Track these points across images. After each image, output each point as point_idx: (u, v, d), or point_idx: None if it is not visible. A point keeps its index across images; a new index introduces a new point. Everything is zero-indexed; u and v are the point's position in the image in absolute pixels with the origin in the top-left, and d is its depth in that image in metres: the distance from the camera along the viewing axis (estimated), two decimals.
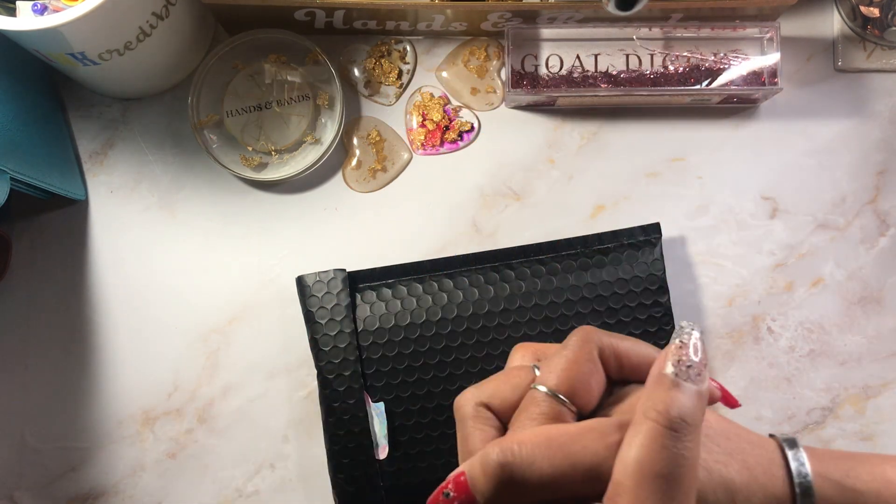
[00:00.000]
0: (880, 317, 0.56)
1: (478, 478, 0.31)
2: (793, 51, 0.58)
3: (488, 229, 0.57)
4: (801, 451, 0.32)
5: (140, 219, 0.57)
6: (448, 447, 0.52)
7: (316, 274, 0.53)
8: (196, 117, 0.56)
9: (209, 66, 0.56)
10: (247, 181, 0.58)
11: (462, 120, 0.58)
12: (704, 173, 0.57)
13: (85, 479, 0.55)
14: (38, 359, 0.56)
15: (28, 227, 0.57)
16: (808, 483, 0.31)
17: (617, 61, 0.56)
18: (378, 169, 0.57)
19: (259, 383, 0.56)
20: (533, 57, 0.56)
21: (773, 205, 0.57)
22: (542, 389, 0.34)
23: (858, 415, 0.55)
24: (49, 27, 0.44)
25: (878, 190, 0.57)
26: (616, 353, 0.35)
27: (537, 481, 0.31)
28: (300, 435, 0.56)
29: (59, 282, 0.57)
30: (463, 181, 0.57)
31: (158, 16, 0.50)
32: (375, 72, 0.58)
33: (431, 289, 0.53)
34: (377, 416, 0.52)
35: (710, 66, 0.55)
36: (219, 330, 0.56)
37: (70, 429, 0.56)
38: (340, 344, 0.52)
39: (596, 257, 0.53)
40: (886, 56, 0.57)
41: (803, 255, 0.57)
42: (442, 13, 0.54)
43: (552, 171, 0.58)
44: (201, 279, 0.57)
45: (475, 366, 0.52)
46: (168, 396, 0.56)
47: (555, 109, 0.58)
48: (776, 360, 0.56)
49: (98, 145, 0.58)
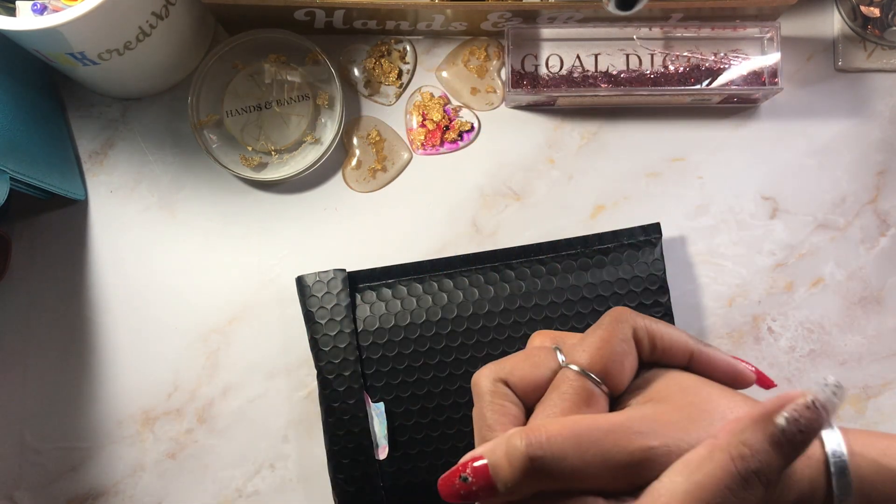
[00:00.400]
0: (880, 317, 0.56)
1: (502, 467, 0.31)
2: (793, 51, 0.58)
3: (488, 229, 0.57)
4: (837, 431, 0.31)
5: (140, 219, 0.57)
6: (448, 447, 0.52)
7: (316, 274, 0.53)
8: (196, 117, 0.56)
9: (209, 66, 0.56)
10: (247, 181, 0.58)
11: (462, 120, 0.58)
12: (704, 173, 0.57)
13: (85, 480, 0.55)
14: (38, 359, 0.56)
15: (28, 227, 0.57)
16: (843, 462, 0.30)
17: (617, 61, 0.56)
18: (378, 169, 0.57)
19: (259, 383, 0.56)
20: (533, 57, 0.56)
21: (773, 205, 0.57)
22: (575, 368, 0.33)
23: (858, 415, 0.55)
24: (49, 27, 0.44)
25: (878, 190, 0.57)
26: (650, 334, 0.34)
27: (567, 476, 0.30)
28: (300, 435, 0.56)
29: (59, 282, 0.57)
30: (463, 181, 0.57)
31: (158, 16, 0.50)
32: (375, 72, 0.58)
33: (431, 289, 0.53)
34: (377, 416, 0.52)
35: (710, 66, 0.55)
36: (219, 330, 0.56)
37: (70, 429, 0.56)
38: (340, 344, 0.52)
39: (596, 257, 0.53)
40: (887, 56, 0.57)
41: (803, 255, 0.57)
42: (442, 13, 0.54)
43: (552, 171, 0.58)
44: (201, 279, 0.57)
45: (475, 366, 0.52)
46: (168, 396, 0.56)
47: (555, 109, 0.58)
48: (776, 360, 0.56)
49: (98, 145, 0.58)
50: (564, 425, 0.31)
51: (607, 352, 0.33)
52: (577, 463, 0.30)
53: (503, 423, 0.34)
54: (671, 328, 0.35)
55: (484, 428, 0.34)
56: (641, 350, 0.35)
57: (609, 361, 0.33)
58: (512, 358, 0.36)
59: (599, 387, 0.33)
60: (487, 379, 0.35)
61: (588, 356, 0.33)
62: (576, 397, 0.33)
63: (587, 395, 0.33)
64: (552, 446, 0.30)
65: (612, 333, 0.34)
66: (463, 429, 0.52)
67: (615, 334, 0.34)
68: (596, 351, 0.33)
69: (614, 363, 0.33)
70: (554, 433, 0.30)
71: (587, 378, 0.33)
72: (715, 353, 0.36)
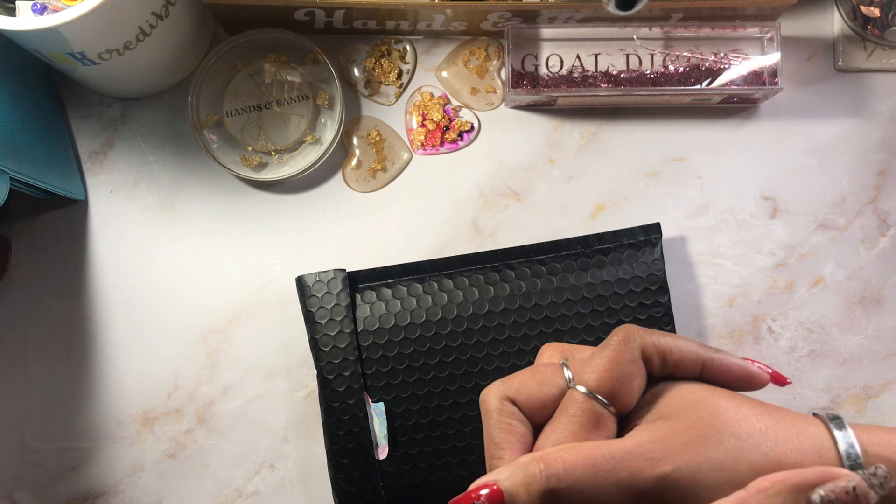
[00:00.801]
0: (880, 317, 0.56)
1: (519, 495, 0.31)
2: (793, 51, 0.58)
3: (488, 229, 0.57)
4: (850, 432, 0.31)
5: (140, 219, 0.57)
6: (448, 447, 0.52)
7: (316, 274, 0.53)
8: (196, 117, 0.56)
9: (209, 66, 0.56)
10: (247, 181, 0.58)
11: (462, 120, 0.58)
12: (705, 173, 0.57)
13: (84, 480, 0.55)
14: (38, 359, 0.56)
15: (28, 227, 0.57)
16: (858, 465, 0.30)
17: (617, 61, 0.56)
18: (378, 169, 0.57)
19: (259, 383, 0.56)
20: (533, 57, 0.56)
21: (773, 205, 0.57)
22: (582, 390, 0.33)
23: (858, 415, 0.55)
24: (49, 27, 0.44)
25: (878, 190, 0.57)
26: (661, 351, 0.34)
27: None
28: (300, 435, 0.56)
29: (59, 282, 0.57)
30: (463, 181, 0.57)
31: (158, 16, 0.50)
32: (375, 72, 0.58)
33: (431, 289, 0.53)
34: (377, 416, 0.52)
35: (710, 65, 0.55)
36: (219, 330, 0.56)
37: (70, 429, 0.56)
38: (340, 344, 0.52)
39: (596, 257, 0.53)
40: (887, 56, 0.57)
41: (804, 255, 0.57)
42: (442, 13, 0.54)
43: (552, 171, 0.58)
44: (201, 279, 0.57)
45: (475, 366, 0.52)
46: (168, 396, 0.56)
47: (555, 109, 0.58)
48: (776, 360, 0.56)
49: (98, 145, 0.58)
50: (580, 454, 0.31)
51: (615, 373, 0.33)
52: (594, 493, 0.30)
53: (511, 441, 0.34)
54: (680, 339, 0.35)
55: (492, 446, 0.34)
56: (652, 368, 0.35)
57: (617, 383, 0.33)
58: (519, 375, 0.36)
59: (608, 408, 0.33)
60: (494, 397, 0.35)
61: (596, 378, 0.33)
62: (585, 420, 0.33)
63: (596, 418, 0.33)
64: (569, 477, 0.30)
65: (620, 354, 0.34)
66: (463, 429, 0.52)
67: (623, 355, 0.34)
68: (604, 373, 0.33)
69: (622, 385, 0.33)
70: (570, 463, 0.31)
71: (595, 400, 0.33)
72: (726, 358, 0.36)
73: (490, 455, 0.34)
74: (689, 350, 0.35)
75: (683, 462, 0.31)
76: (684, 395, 0.34)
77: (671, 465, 0.31)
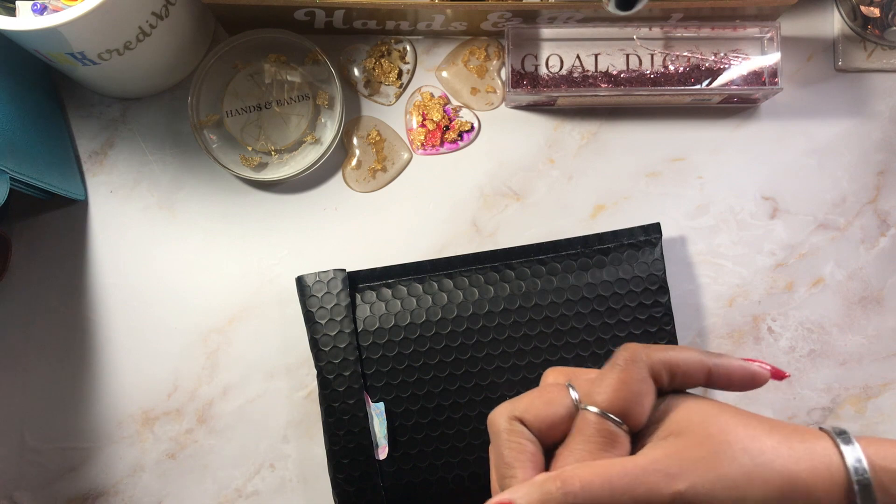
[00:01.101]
0: (880, 317, 0.56)
1: None
2: (793, 51, 0.58)
3: (488, 229, 0.57)
4: (857, 446, 0.31)
5: (140, 219, 0.57)
6: (448, 447, 0.52)
7: (316, 274, 0.53)
8: (196, 117, 0.56)
9: (209, 66, 0.56)
10: (247, 181, 0.58)
11: (462, 120, 0.58)
12: (705, 173, 0.57)
13: (84, 480, 0.55)
14: (38, 359, 0.56)
15: (28, 227, 0.57)
16: (866, 480, 0.30)
17: (617, 61, 0.56)
18: (378, 169, 0.57)
19: (259, 383, 0.56)
20: (533, 57, 0.56)
21: (773, 205, 0.57)
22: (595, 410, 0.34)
23: (858, 415, 0.55)
24: (49, 27, 0.44)
25: (878, 190, 0.57)
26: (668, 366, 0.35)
27: None
28: (300, 435, 0.56)
29: (59, 282, 0.57)
30: (463, 181, 0.57)
31: (158, 15, 0.50)
32: (375, 71, 0.58)
33: (431, 289, 0.53)
34: (377, 416, 0.52)
35: (710, 65, 0.55)
36: (219, 330, 0.56)
37: (70, 429, 0.56)
38: (340, 344, 0.52)
39: (596, 257, 0.53)
40: (887, 56, 0.57)
41: (804, 255, 0.57)
42: (442, 13, 0.54)
43: (552, 171, 0.58)
44: (201, 279, 0.57)
45: (475, 366, 0.52)
46: (168, 396, 0.56)
47: (555, 109, 0.58)
48: (776, 360, 0.56)
49: (98, 145, 0.58)
50: (596, 472, 0.31)
51: (626, 393, 0.34)
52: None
53: (521, 460, 0.34)
54: (684, 350, 0.35)
55: (502, 465, 0.34)
56: (660, 384, 0.35)
57: (629, 402, 0.33)
58: (526, 396, 0.36)
59: (621, 427, 0.34)
60: (503, 417, 0.35)
61: (607, 398, 0.34)
62: (601, 440, 0.33)
63: (611, 438, 0.33)
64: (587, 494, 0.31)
65: (629, 374, 0.34)
66: (463, 429, 0.52)
67: (633, 374, 0.34)
68: (615, 392, 0.34)
69: (634, 404, 0.34)
70: (587, 480, 0.31)
71: (608, 420, 0.33)
72: (728, 361, 0.36)
73: (501, 475, 0.34)
74: (694, 360, 0.35)
75: (698, 479, 0.31)
76: (692, 412, 0.34)
77: (686, 482, 0.31)
